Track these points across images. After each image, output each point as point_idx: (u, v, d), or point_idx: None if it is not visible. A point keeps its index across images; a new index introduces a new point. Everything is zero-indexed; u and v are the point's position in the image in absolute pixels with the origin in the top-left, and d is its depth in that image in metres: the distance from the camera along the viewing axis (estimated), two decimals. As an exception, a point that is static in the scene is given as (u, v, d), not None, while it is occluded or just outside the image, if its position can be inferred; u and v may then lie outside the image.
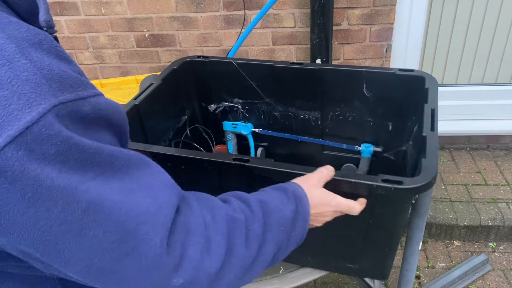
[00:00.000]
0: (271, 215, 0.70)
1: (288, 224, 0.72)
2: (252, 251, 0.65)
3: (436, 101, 1.11)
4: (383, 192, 0.84)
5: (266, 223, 0.68)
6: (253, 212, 0.68)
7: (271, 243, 0.69)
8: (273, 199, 0.74)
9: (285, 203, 0.74)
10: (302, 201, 0.77)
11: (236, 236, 0.63)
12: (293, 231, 0.74)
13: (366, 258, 1.08)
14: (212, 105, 1.48)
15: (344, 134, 1.41)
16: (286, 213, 0.73)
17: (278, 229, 0.70)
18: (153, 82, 1.25)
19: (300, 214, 0.75)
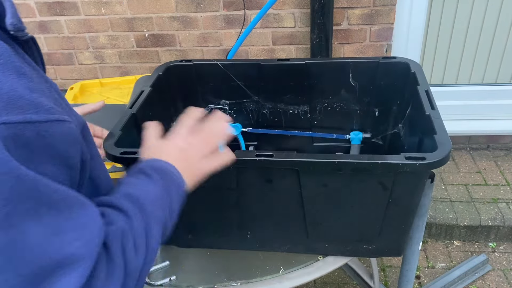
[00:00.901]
0: (141, 202, 0.67)
1: (162, 200, 0.71)
2: (141, 251, 0.64)
3: (427, 83, 1.17)
4: (408, 169, 0.90)
5: (142, 213, 0.66)
6: (127, 211, 0.65)
7: (155, 228, 0.67)
8: (135, 185, 0.71)
9: (148, 182, 0.72)
10: (162, 169, 0.75)
11: (127, 247, 0.61)
12: (172, 198, 0.74)
13: (383, 238, 1.11)
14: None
15: (333, 125, 1.45)
16: (154, 191, 0.71)
17: (154, 211, 0.68)
18: (143, 89, 1.25)
19: (168, 181, 0.74)
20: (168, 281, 1.13)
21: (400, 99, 1.32)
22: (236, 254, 1.21)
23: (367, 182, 0.98)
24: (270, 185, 1.02)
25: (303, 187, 1.01)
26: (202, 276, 1.15)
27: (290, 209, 1.07)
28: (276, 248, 1.19)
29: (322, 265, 1.16)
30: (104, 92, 1.88)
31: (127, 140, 1.06)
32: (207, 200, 1.09)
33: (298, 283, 1.12)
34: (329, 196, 1.02)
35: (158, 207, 0.70)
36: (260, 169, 0.99)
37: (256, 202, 1.08)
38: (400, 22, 2.27)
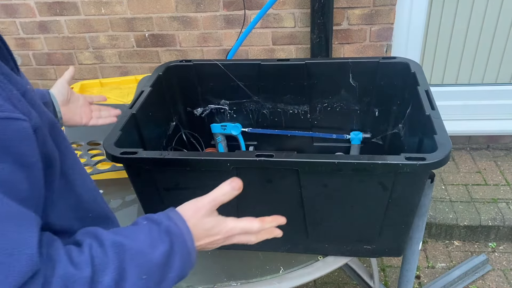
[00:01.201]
0: (131, 264, 0.61)
1: (154, 271, 0.64)
2: None
3: (427, 83, 1.17)
4: (409, 169, 0.90)
5: (123, 272, 0.60)
6: (108, 259, 0.60)
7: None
8: (138, 241, 0.65)
9: (154, 245, 0.65)
10: (179, 240, 0.69)
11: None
12: (169, 274, 0.67)
13: (383, 238, 1.11)
14: (198, 109, 1.49)
15: (333, 125, 1.46)
16: (153, 259, 0.64)
17: (139, 279, 0.62)
18: (143, 90, 1.25)
19: (176, 255, 0.67)
20: (168, 281, 1.13)
21: (400, 99, 1.32)
22: (236, 254, 1.21)
23: (367, 182, 0.98)
24: (270, 185, 1.02)
25: (303, 187, 1.01)
26: (202, 276, 1.15)
27: (290, 209, 1.07)
28: (276, 249, 1.19)
29: (322, 265, 1.16)
30: (104, 92, 1.88)
31: (127, 140, 1.06)
32: (207, 200, 1.09)
33: (298, 283, 1.12)
34: (329, 196, 1.02)
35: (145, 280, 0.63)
36: (260, 169, 0.99)
37: (256, 202, 1.08)
38: (400, 22, 2.27)
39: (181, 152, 1.08)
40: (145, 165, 0.97)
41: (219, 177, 1.03)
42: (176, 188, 1.07)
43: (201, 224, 0.75)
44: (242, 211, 1.10)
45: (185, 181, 1.05)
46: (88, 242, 0.62)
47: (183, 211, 0.75)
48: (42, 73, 2.63)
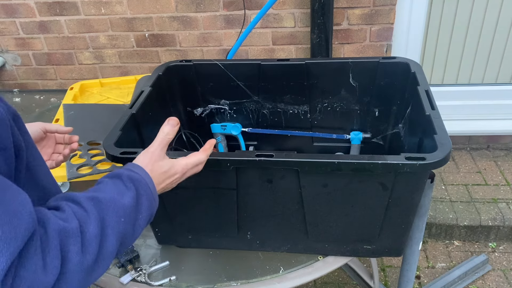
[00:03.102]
0: (107, 211, 0.70)
1: (129, 213, 0.73)
2: (91, 254, 0.65)
3: (427, 83, 1.18)
4: (409, 169, 0.90)
5: (103, 220, 0.68)
6: (87, 212, 0.67)
7: (113, 237, 0.69)
8: (108, 192, 0.73)
9: (122, 192, 0.74)
10: (142, 183, 0.78)
11: (70, 246, 0.63)
12: (139, 215, 0.75)
13: (383, 238, 1.11)
14: (198, 109, 1.49)
15: (333, 125, 1.46)
16: (124, 203, 0.73)
17: (118, 222, 0.70)
18: (143, 90, 1.25)
19: (142, 197, 0.76)
20: (168, 281, 1.13)
21: (400, 99, 1.32)
22: (236, 254, 1.21)
23: (367, 182, 0.98)
24: (270, 185, 1.02)
25: (303, 187, 1.01)
26: (202, 276, 1.15)
27: (290, 209, 1.07)
28: (276, 248, 1.19)
29: (322, 265, 1.17)
30: (104, 92, 1.88)
31: (127, 140, 1.06)
32: (207, 200, 1.09)
33: (298, 283, 1.12)
34: (329, 196, 1.02)
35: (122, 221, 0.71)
36: (260, 169, 0.99)
37: (256, 202, 1.08)
38: (400, 22, 2.27)
39: (181, 152, 1.08)
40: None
41: (219, 177, 1.03)
42: (176, 188, 1.07)
43: (158, 168, 0.84)
44: (242, 210, 1.10)
45: (185, 181, 1.05)
46: (65, 203, 0.68)
47: (139, 161, 0.84)
48: (42, 73, 2.63)
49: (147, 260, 1.19)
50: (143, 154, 0.86)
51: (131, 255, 1.17)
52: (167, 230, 1.19)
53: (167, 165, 0.86)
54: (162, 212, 1.14)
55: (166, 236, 1.22)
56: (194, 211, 1.13)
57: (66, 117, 1.58)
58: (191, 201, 1.10)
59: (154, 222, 1.19)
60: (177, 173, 0.87)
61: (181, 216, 1.15)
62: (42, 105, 1.97)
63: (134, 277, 1.14)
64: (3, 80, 2.67)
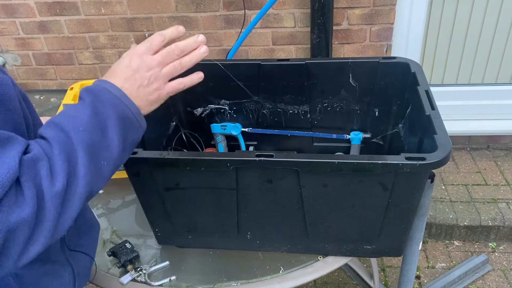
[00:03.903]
0: (63, 124, 0.67)
1: (88, 121, 0.68)
2: (61, 176, 0.62)
3: (427, 83, 1.17)
4: (409, 169, 0.90)
5: (63, 139, 0.65)
6: (47, 138, 0.65)
7: (80, 152, 0.65)
8: (64, 112, 0.70)
9: (77, 107, 0.70)
10: (98, 89, 0.73)
11: (40, 172, 0.61)
12: (105, 120, 0.70)
13: (383, 238, 1.11)
14: (199, 109, 1.49)
15: (333, 125, 1.45)
16: (81, 111, 0.69)
17: (76, 132, 0.66)
18: None
19: (100, 102, 0.71)
20: (168, 281, 1.13)
21: (400, 99, 1.32)
22: (236, 254, 1.21)
23: (367, 182, 0.98)
24: (270, 185, 1.02)
25: (303, 187, 1.01)
26: (202, 276, 1.15)
27: (290, 209, 1.07)
28: (276, 248, 1.19)
29: (322, 265, 1.16)
30: (104, 92, 1.88)
31: (127, 140, 1.06)
32: (207, 200, 1.09)
33: (298, 283, 1.12)
34: (329, 196, 1.03)
35: (84, 132, 0.67)
36: (260, 169, 0.99)
37: (256, 202, 1.08)
38: (400, 22, 2.27)
39: (181, 152, 1.08)
40: (145, 165, 0.97)
41: (219, 177, 1.03)
42: (176, 188, 1.07)
43: (120, 64, 0.77)
44: (242, 210, 1.10)
45: (185, 181, 1.05)
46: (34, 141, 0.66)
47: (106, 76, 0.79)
48: (42, 73, 2.63)
49: (147, 260, 1.19)
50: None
51: (131, 255, 1.17)
52: (167, 230, 1.19)
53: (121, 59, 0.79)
54: (162, 212, 1.14)
55: (166, 236, 1.22)
56: (194, 211, 1.13)
57: (66, 117, 1.58)
58: (191, 201, 1.10)
59: (154, 222, 1.19)
60: (127, 56, 0.78)
61: (181, 216, 1.15)
62: (42, 105, 1.97)
63: (134, 277, 1.14)
64: (3, 80, 2.67)
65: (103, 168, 0.69)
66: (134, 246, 1.21)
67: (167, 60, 0.81)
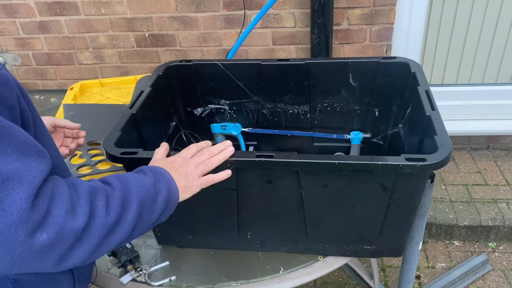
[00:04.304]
0: (129, 182, 0.78)
1: (148, 187, 0.80)
2: (114, 212, 0.72)
3: (427, 83, 1.18)
4: (409, 170, 0.90)
5: (125, 189, 0.76)
6: (112, 184, 0.76)
7: (134, 203, 0.76)
8: (130, 173, 0.83)
9: (141, 175, 0.83)
10: (158, 170, 0.87)
11: (97, 201, 0.70)
12: (158, 195, 0.82)
13: (383, 238, 1.11)
14: (198, 109, 1.49)
15: (333, 125, 1.46)
16: (144, 180, 0.81)
17: (138, 191, 0.78)
18: (143, 90, 1.25)
19: (159, 180, 0.84)
20: (168, 281, 1.13)
21: (400, 99, 1.32)
22: (236, 254, 1.21)
23: (368, 183, 0.98)
24: (270, 185, 1.02)
25: (303, 187, 1.01)
26: (202, 276, 1.15)
27: (290, 209, 1.07)
28: (276, 248, 1.19)
29: (322, 265, 1.17)
30: (104, 92, 1.88)
31: (127, 140, 1.06)
32: (207, 200, 1.09)
33: (298, 283, 1.12)
34: (329, 196, 1.03)
35: (142, 191, 0.78)
36: (260, 169, 0.99)
37: (256, 202, 1.08)
38: (400, 22, 2.27)
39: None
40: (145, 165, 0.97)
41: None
42: (176, 188, 1.07)
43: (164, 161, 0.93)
44: (242, 211, 1.10)
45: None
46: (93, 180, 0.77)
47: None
48: (42, 73, 2.63)
49: (147, 260, 1.19)
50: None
51: (131, 255, 1.17)
52: (167, 230, 1.19)
53: (168, 159, 0.94)
54: (162, 212, 1.14)
55: (166, 236, 1.22)
56: (194, 211, 1.13)
57: (66, 117, 1.58)
58: (191, 201, 1.10)
59: (154, 222, 1.19)
60: (176, 160, 0.93)
61: (181, 216, 1.15)
62: (42, 105, 1.97)
63: (134, 277, 1.14)
64: (3, 80, 2.67)
65: (141, 225, 0.79)
66: (134, 246, 1.21)
67: (201, 160, 0.95)
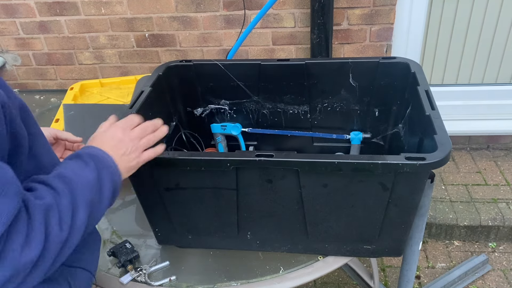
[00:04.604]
0: (73, 184, 0.75)
1: (92, 184, 0.78)
2: (66, 225, 0.71)
3: (427, 83, 1.18)
4: (409, 169, 0.90)
5: (71, 193, 0.74)
6: (56, 189, 0.73)
7: (82, 207, 0.74)
8: (70, 168, 0.79)
9: (82, 167, 0.79)
10: (98, 157, 0.83)
11: (51, 219, 0.68)
12: (103, 186, 0.80)
13: (383, 238, 1.11)
14: (199, 109, 1.49)
15: (333, 125, 1.46)
16: (87, 175, 0.78)
17: (83, 193, 0.76)
18: (143, 90, 1.25)
19: (102, 169, 0.81)
20: (168, 281, 1.13)
21: (400, 99, 1.32)
22: (236, 254, 1.21)
23: (367, 182, 0.98)
24: (270, 185, 1.02)
25: (303, 187, 1.01)
26: (202, 276, 1.15)
27: (290, 209, 1.07)
28: (276, 248, 1.19)
29: (322, 265, 1.17)
30: (104, 92, 1.88)
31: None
32: (207, 200, 1.09)
33: (298, 283, 1.12)
34: (329, 196, 1.03)
35: (88, 191, 0.77)
36: (260, 169, 0.99)
37: (256, 202, 1.08)
38: (400, 22, 2.27)
39: (181, 152, 1.08)
40: (145, 165, 0.97)
41: (219, 177, 1.03)
42: (176, 188, 1.07)
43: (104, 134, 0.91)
44: (242, 210, 1.10)
45: (185, 181, 1.05)
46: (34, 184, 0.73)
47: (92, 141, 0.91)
48: (42, 73, 2.63)
49: (147, 260, 1.19)
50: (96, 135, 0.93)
51: (131, 255, 1.17)
52: (167, 230, 1.19)
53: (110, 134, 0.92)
54: (162, 212, 1.14)
55: (166, 236, 1.22)
56: (194, 211, 1.13)
57: (66, 117, 1.58)
58: (191, 201, 1.10)
59: (154, 222, 1.19)
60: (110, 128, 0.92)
61: (181, 216, 1.15)
62: (42, 105, 1.97)
63: (134, 277, 1.14)
64: (3, 80, 2.67)
65: (92, 222, 0.79)
66: (134, 246, 1.21)
67: (144, 134, 0.95)
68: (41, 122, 1.79)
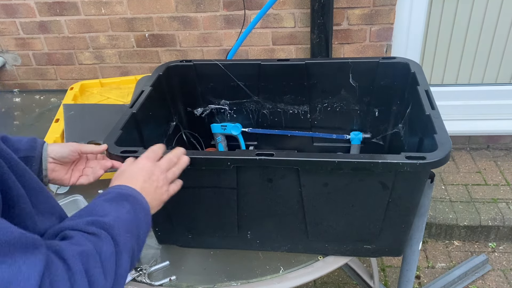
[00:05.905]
0: (114, 229, 0.70)
1: (131, 227, 0.74)
2: (110, 274, 0.66)
3: (427, 83, 1.18)
4: (409, 168, 0.90)
5: (114, 239, 0.69)
6: (96, 234, 0.67)
7: (125, 253, 0.70)
8: (107, 211, 0.73)
9: (118, 209, 0.74)
10: (132, 196, 0.79)
11: (93, 268, 0.63)
12: (140, 228, 0.76)
13: (383, 237, 1.11)
14: (199, 109, 1.49)
15: (333, 125, 1.46)
16: (126, 218, 0.74)
17: (125, 237, 0.71)
18: (144, 89, 1.26)
19: (136, 209, 0.77)
20: (168, 281, 1.13)
21: (400, 99, 1.32)
22: (236, 254, 1.21)
23: (368, 181, 0.98)
24: (270, 184, 1.02)
25: (303, 186, 1.01)
26: (202, 276, 1.15)
27: (290, 208, 1.07)
28: (276, 248, 1.19)
29: (322, 265, 1.17)
30: (104, 92, 1.88)
31: (128, 139, 1.07)
32: (207, 200, 1.09)
33: (298, 283, 1.12)
34: (329, 195, 1.03)
35: (130, 237, 0.72)
36: (260, 168, 0.99)
37: (256, 201, 1.08)
38: (400, 22, 2.27)
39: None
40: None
41: (219, 176, 1.03)
42: (176, 187, 1.07)
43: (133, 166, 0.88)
44: (242, 210, 1.10)
45: (185, 180, 1.05)
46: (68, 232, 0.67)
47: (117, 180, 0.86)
48: (42, 73, 2.63)
49: (147, 260, 1.19)
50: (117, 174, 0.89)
51: (131, 255, 1.17)
52: (167, 230, 1.19)
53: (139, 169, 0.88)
54: (162, 212, 1.14)
55: (166, 236, 1.22)
56: (194, 210, 1.13)
57: (66, 117, 1.58)
58: (191, 200, 1.10)
59: (154, 222, 1.19)
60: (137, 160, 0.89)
61: (181, 216, 1.15)
62: (42, 105, 1.97)
63: (134, 277, 1.14)
64: (3, 80, 2.67)
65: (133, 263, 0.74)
66: (134, 245, 1.21)
67: (170, 166, 0.92)
68: (41, 122, 1.79)
